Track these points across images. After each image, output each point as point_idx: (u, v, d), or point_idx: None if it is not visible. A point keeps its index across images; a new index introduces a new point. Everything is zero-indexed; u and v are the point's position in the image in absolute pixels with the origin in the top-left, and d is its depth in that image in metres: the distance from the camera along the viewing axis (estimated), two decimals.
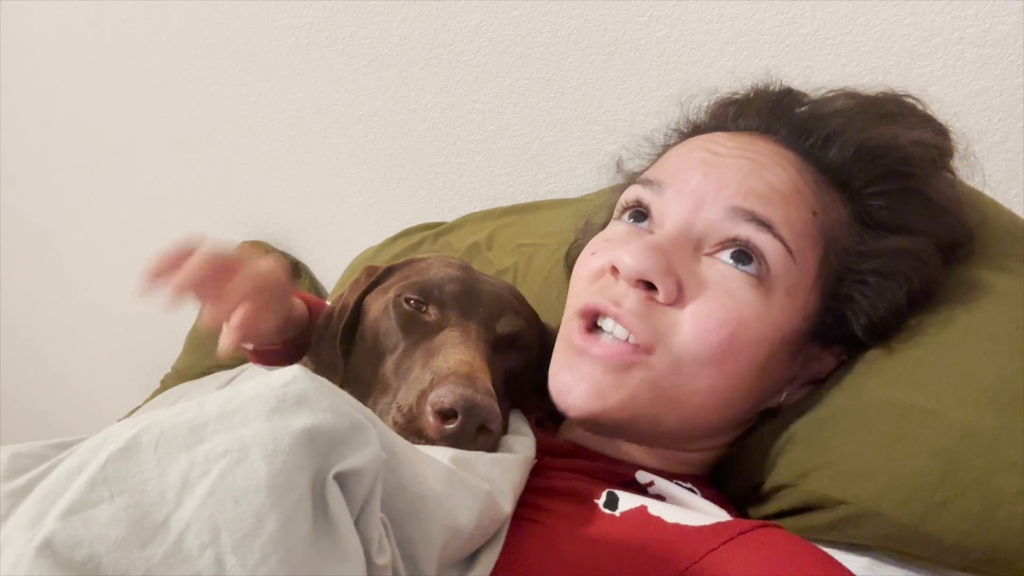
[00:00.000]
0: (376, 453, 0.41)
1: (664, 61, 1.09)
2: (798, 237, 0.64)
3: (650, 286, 0.63)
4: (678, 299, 0.63)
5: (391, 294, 0.73)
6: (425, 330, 0.69)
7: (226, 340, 0.67)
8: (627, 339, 0.63)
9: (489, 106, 1.25)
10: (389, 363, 0.69)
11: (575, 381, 0.65)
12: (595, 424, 0.67)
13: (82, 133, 1.71)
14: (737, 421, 0.70)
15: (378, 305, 0.74)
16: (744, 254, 0.63)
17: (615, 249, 0.66)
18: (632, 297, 0.63)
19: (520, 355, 0.73)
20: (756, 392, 0.67)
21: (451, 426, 0.59)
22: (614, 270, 0.65)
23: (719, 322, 0.62)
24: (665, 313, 0.63)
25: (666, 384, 0.63)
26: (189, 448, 0.39)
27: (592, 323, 0.66)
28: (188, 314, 1.62)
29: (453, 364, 0.63)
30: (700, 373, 0.63)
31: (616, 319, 0.63)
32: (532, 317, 0.78)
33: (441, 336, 0.68)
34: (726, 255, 0.63)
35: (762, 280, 0.63)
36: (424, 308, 0.71)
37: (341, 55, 1.34)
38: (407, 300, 0.71)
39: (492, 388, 0.62)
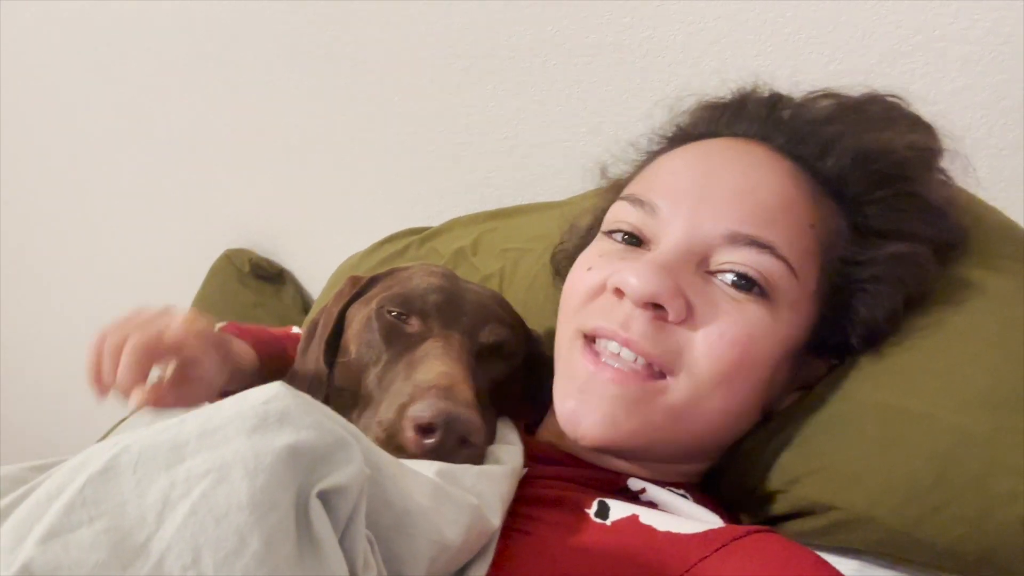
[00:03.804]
0: (360, 470, 0.40)
1: (648, 63, 1.09)
2: (798, 253, 0.63)
3: (657, 306, 0.61)
4: (687, 318, 0.62)
5: (373, 305, 0.72)
6: (408, 341, 0.68)
7: (137, 400, 0.65)
8: (635, 361, 0.62)
9: (474, 109, 1.24)
10: (372, 376, 0.68)
11: (586, 410, 0.63)
12: (607, 451, 0.66)
13: (64, 142, 1.70)
14: (740, 435, 0.69)
15: (361, 317, 0.73)
16: (748, 276, 0.62)
17: (617, 269, 0.64)
18: (640, 319, 0.62)
19: (505, 364, 0.72)
20: (760, 406, 0.67)
21: (431, 440, 0.58)
22: (618, 292, 0.63)
23: (732, 340, 0.61)
24: (676, 333, 0.62)
25: (681, 407, 0.62)
26: (169, 468, 0.38)
27: (592, 343, 0.65)
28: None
29: (433, 377, 0.62)
30: (714, 393, 0.62)
31: (627, 345, 0.62)
32: (517, 324, 0.77)
33: (423, 348, 0.67)
34: (729, 276, 0.63)
35: (767, 297, 0.62)
36: (406, 319, 0.70)
37: (325, 60, 1.33)
38: (389, 311, 0.70)
39: (473, 400, 0.61)
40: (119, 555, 0.36)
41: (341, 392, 0.71)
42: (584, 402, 0.63)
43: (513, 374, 0.73)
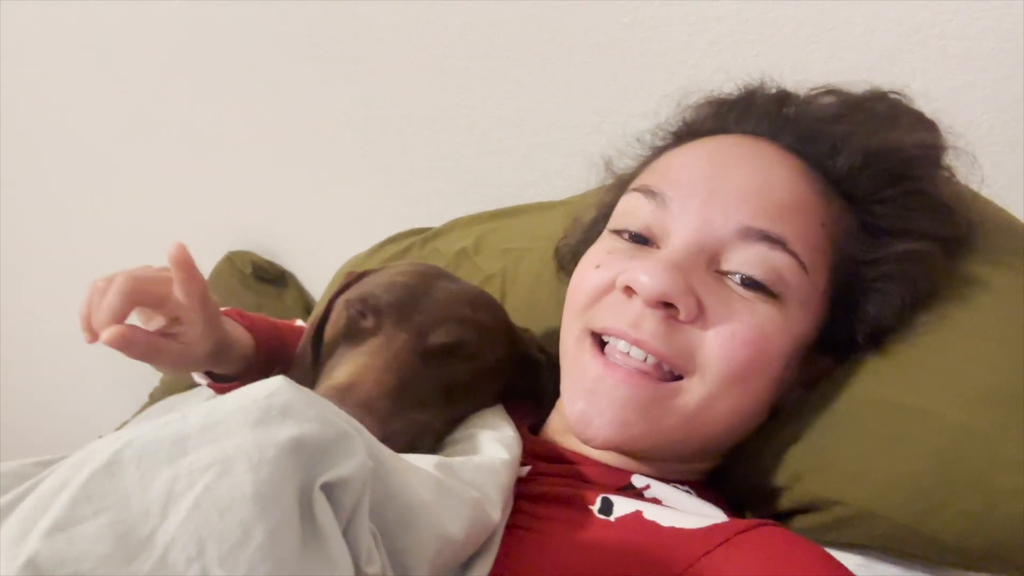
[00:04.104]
0: (363, 463, 0.40)
1: (648, 62, 1.09)
2: (810, 251, 0.63)
3: (668, 305, 0.61)
4: (698, 317, 0.61)
5: (341, 301, 0.74)
6: (358, 337, 0.70)
7: (105, 336, 0.65)
8: (645, 360, 0.62)
9: (474, 110, 1.24)
10: (327, 368, 0.70)
11: (596, 412, 0.62)
12: (617, 451, 0.66)
13: (65, 142, 1.70)
14: (749, 433, 0.69)
15: (335, 310, 0.75)
16: (759, 274, 0.62)
17: (626, 267, 0.63)
18: (651, 319, 0.61)
19: (465, 364, 0.70)
20: (769, 404, 0.67)
21: None
22: (628, 290, 0.63)
23: (744, 340, 0.61)
24: (688, 332, 0.61)
25: (694, 408, 0.62)
26: (172, 462, 0.38)
27: (601, 341, 0.65)
28: None
29: (339, 375, 0.64)
30: (728, 393, 0.62)
31: (637, 345, 0.61)
32: (489, 326, 0.75)
33: (364, 345, 0.68)
34: (741, 273, 0.62)
35: (779, 295, 0.62)
36: (364, 315, 0.71)
37: (325, 61, 1.33)
38: (351, 307, 0.71)
39: (376, 398, 0.62)
40: (124, 548, 0.36)
41: (319, 383, 0.72)
42: (594, 404, 0.62)
43: (478, 375, 0.72)
